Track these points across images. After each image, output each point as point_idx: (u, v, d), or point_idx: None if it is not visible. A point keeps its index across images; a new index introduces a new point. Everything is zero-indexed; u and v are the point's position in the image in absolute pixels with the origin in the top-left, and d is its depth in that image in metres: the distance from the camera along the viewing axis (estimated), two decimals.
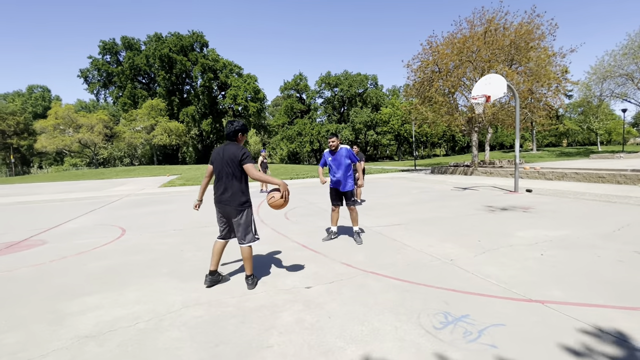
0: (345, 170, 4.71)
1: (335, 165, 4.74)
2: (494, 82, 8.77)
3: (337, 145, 4.78)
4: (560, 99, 18.38)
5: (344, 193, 4.79)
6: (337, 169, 4.72)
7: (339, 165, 4.71)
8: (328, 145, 4.79)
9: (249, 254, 3.20)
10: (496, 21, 16.35)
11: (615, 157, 23.78)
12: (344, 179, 4.72)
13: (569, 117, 52.53)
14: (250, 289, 3.14)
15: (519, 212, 6.26)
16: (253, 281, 3.21)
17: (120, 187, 17.26)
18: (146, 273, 3.73)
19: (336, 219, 4.90)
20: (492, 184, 11.25)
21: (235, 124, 3.19)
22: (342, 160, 4.72)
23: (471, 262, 3.60)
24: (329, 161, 4.82)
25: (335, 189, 4.80)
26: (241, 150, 3.09)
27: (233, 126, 3.17)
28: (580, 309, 2.45)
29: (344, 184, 4.74)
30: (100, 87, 50.62)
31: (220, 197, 3.20)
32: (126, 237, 5.61)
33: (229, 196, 3.13)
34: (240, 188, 3.13)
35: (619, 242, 4.07)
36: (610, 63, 28.41)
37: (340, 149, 4.79)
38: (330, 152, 4.84)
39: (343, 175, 4.71)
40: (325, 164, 4.88)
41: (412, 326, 2.33)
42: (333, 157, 4.77)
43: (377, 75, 57.87)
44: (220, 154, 3.15)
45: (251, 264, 3.22)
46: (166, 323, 2.54)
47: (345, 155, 4.74)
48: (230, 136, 3.19)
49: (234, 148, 3.11)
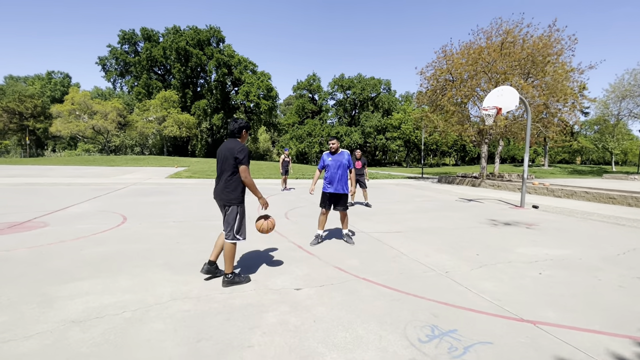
0: (342, 173, 4.73)
1: (334, 167, 4.73)
2: (506, 94, 8.62)
3: (337, 147, 4.79)
4: (576, 115, 18.02)
5: (340, 196, 4.77)
6: (336, 171, 4.71)
7: (338, 168, 4.71)
8: (328, 147, 4.79)
9: (230, 251, 3.12)
10: (515, 33, 16.12)
11: (630, 178, 23.19)
12: (341, 183, 4.72)
13: (584, 135, 51.51)
14: (224, 286, 3.08)
15: (522, 228, 6.13)
16: (228, 279, 3.10)
17: (128, 175, 17.51)
18: (140, 262, 3.76)
19: (324, 222, 4.82)
20: (499, 198, 11.08)
21: (239, 121, 3.24)
22: (343, 161, 4.74)
23: (466, 276, 3.54)
24: (328, 162, 4.80)
25: (330, 193, 4.76)
26: (240, 148, 3.09)
27: (237, 123, 3.22)
28: (573, 333, 2.38)
29: (341, 187, 4.73)
30: (117, 76, 51.60)
31: (215, 190, 3.25)
32: (126, 225, 5.67)
33: (220, 190, 3.17)
34: (231, 184, 3.12)
35: (622, 266, 3.94)
36: (630, 82, 27.77)
37: (341, 152, 4.82)
38: (330, 154, 4.84)
39: (340, 179, 4.71)
40: (324, 166, 4.85)
41: (397, 337, 2.29)
42: (333, 159, 4.77)
43: (390, 80, 57.73)
44: (222, 150, 3.19)
45: (230, 262, 3.12)
46: (152, 314, 2.55)
47: (346, 158, 4.78)
48: (234, 133, 3.23)
49: (233, 144, 3.13)
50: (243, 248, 4.42)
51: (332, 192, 4.75)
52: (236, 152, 3.06)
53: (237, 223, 3.15)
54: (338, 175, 4.71)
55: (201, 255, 4.06)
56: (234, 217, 3.14)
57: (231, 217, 3.14)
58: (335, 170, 4.72)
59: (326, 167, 4.81)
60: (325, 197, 4.81)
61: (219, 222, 6.15)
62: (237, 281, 3.16)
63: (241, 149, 3.07)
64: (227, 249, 3.13)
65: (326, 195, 4.79)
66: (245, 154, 3.08)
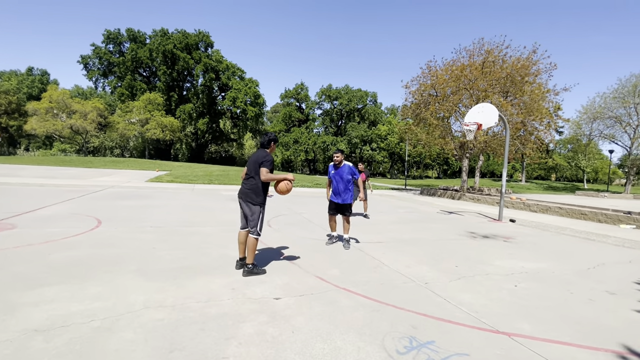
0: (345, 185, 5.10)
1: (337, 179, 5.12)
2: (487, 111, 8.95)
3: (341, 160, 5.12)
4: (551, 134, 18.89)
5: (343, 205, 5.19)
6: (338, 183, 5.11)
7: (340, 180, 5.10)
8: (333, 160, 5.16)
9: (253, 245, 3.59)
10: (495, 53, 16.84)
11: (600, 195, 24.35)
12: (343, 193, 5.13)
13: (559, 153, 53.87)
14: (244, 276, 3.54)
15: (500, 241, 6.29)
16: (249, 269, 3.59)
17: (105, 178, 16.93)
18: (113, 268, 3.60)
19: (335, 225, 5.30)
20: (478, 211, 11.36)
21: (269, 134, 3.77)
22: (344, 175, 5.10)
23: (445, 287, 3.58)
24: (331, 175, 5.18)
25: (335, 202, 5.18)
26: (265, 155, 3.59)
27: (267, 137, 3.76)
28: (546, 345, 2.43)
29: (343, 197, 5.14)
30: (100, 75, 50.17)
31: (240, 191, 3.74)
32: (100, 229, 5.45)
33: (246, 192, 3.64)
34: (256, 187, 3.60)
35: (592, 280, 4.10)
36: (600, 105, 29.37)
37: (343, 165, 5.13)
38: (333, 167, 5.19)
39: (343, 190, 5.12)
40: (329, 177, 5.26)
41: (375, 348, 2.28)
42: (336, 172, 5.14)
43: (376, 93, 58.78)
44: (252, 158, 3.70)
45: (252, 254, 3.59)
46: (122, 323, 2.43)
47: (347, 171, 5.10)
48: (264, 144, 3.76)
49: (263, 154, 3.63)
50: (227, 254, 4.33)
51: (337, 202, 5.19)
52: (262, 159, 3.56)
53: (260, 222, 3.64)
54: (341, 188, 5.13)
55: (179, 262, 3.94)
56: (257, 216, 3.62)
57: (255, 216, 3.61)
58: (337, 184, 5.13)
59: (331, 179, 5.25)
60: (332, 204, 5.28)
61: (199, 228, 6.01)
62: (256, 272, 3.63)
63: (266, 157, 3.58)
64: (251, 242, 3.59)
65: (333, 203, 5.27)
66: (269, 161, 3.57)
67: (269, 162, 3.57)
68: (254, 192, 3.61)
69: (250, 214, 3.61)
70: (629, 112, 28.30)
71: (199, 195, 11.60)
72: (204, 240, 5.15)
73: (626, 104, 27.96)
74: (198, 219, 6.91)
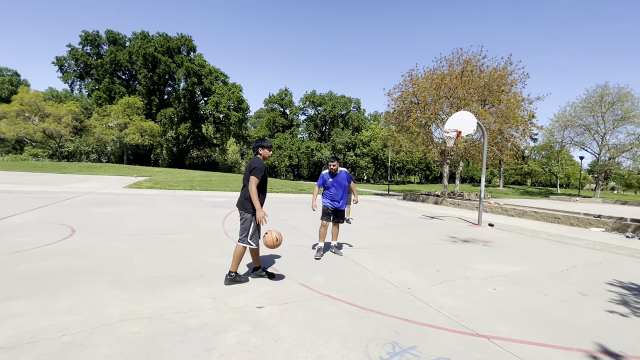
0: (343, 191, 5.13)
1: (335, 186, 5.11)
2: (466, 119, 9.24)
3: (337, 168, 5.13)
4: (526, 141, 19.69)
5: (340, 211, 5.19)
6: (337, 190, 5.10)
7: (339, 186, 5.12)
8: (329, 168, 5.14)
9: (238, 253, 3.55)
10: (473, 63, 17.48)
11: (572, 200, 25.49)
12: (341, 199, 5.13)
13: (534, 159, 56.15)
14: (226, 284, 3.49)
15: (480, 245, 6.46)
16: (231, 278, 3.53)
17: (80, 184, 16.28)
18: (87, 279, 3.45)
19: (325, 234, 5.15)
20: (459, 216, 11.64)
21: (256, 140, 3.70)
22: (342, 182, 5.13)
23: (427, 292, 3.63)
24: (328, 182, 5.13)
25: (332, 208, 5.13)
26: (252, 163, 3.55)
27: (255, 142, 3.73)
28: (522, 347, 2.50)
29: (342, 203, 5.14)
30: (76, 78, 48.41)
31: (237, 200, 3.71)
32: (74, 239, 5.22)
33: (240, 201, 3.62)
34: (246, 195, 3.54)
35: (565, 282, 4.27)
36: (571, 113, 30.97)
37: (340, 171, 5.17)
38: (330, 174, 5.15)
39: (341, 196, 5.12)
40: (323, 184, 5.18)
41: (359, 355, 2.27)
42: (334, 179, 5.12)
43: (360, 100, 59.53)
44: (246, 165, 3.66)
45: (236, 262, 3.55)
46: (97, 337, 2.33)
47: (345, 177, 5.15)
48: (254, 150, 3.73)
49: (252, 160, 3.60)
50: (208, 262, 4.23)
51: (335, 207, 5.14)
52: (251, 168, 3.51)
53: (250, 229, 3.55)
54: (339, 195, 5.11)
55: (157, 272, 3.82)
56: (248, 224, 3.55)
57: (246, 224, 3.55)
58: (336, 191, 5.11)
59: (327, 187, 5.16)
60: (327, 210, 5.14)
61: (179, 235, 5.86)
62: (238, 280, 3.56)
63: (254, 164, 3.51)
64: (237, 250, 3.56)
65: (329, 209, 5.15)
66: (257, 165, 3.49)
67: (257, 170, 3.48)
68: (245, 199, 3.56)
69: (241, 222, 3.58)
70: (596, 120, 29.96)
71: (179, 202, 11.33)
72: (184, 248, 5.02)
73: (594, 113, 29.57)
74: (178, 227, 6.74)
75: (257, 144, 3.72)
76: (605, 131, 29.58)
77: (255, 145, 3.72)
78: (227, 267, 4.14)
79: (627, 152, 29.51)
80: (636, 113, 27.69)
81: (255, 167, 3.49)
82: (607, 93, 28.86)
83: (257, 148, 3.71)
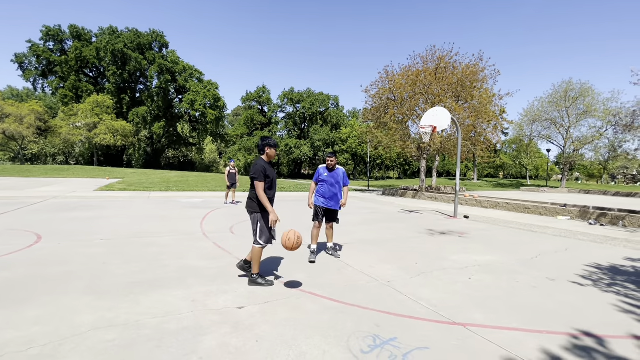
0: (339, 189, 4.88)
1: (331, 183, 4.83)
2: (440, 115, 9.48)
3: (335, 164, 4.88)
4: (498, 135, 20.49)
5: (333, 212, 4.93)
6: (333, 187, 4.83)
7: (336, 183, 4.85)
8: (326, 163, 4.87)
9: (256, 254, 3.54)
10: (447, 60, 17.95)
11: (540, 191, 26.83)
12: (335, 199, 4.86)
13: (505, 152, 58.58)
14: (249, 285, 3.52)
15: (455, 237, 6.68)
16: (253, 280, 3.54)
17: (46, 188, 15.41)
18: (55, 288, 3.28)
19: (318, 236, 4.86)
20: (436, 209, 11.97)
21: (261, 139, 3.67)
22: (339, 179, 4.88)
23: (406, 284, 3.72)
24: (324, 177, 4.84)
25: (326, 207, 4.85)
26: (254, 166, 3.49)
27: (260, 142, 3.68)
28: (496, 332, 2.62)
29: (336, 202, 4.87)
30: (38, 76, 45.59)
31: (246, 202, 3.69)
32: (40, 245, 4.93)
33: (248, 202, 3.62)
34: (252, 195, 3.57)
35: (535, 268, 4.49)
36: (538, 108, 32.47)
37: (337, 169, 4.92)
38: (327, 169, 4.88)
39: (335, 195, 4.85)
40: (318, 179, 4.88)
41: (340, 350, 2.30)
42: (330, 175, 4.85)
43: (338, 97, 59.75)
44: None
45: (256, 264, 3.55)
46: (67, 348, 2.22)
47: (342, 175, 4.91)
48: (259, 150, 3.70)
49: (255, 161, 3.57)
50: (186, 265, 4.12)
51: (327, 207, 4.84)
52: (251, 171, 3.49)
53: (258, 230, 3.54)
54: (333, 192, 4.82)
55: (133, 277, 3.68)
56: (255, 224, 3.56)
57: (254, 224, 3.57)
58: (331, 187, 4.82)
59: (321, 182, 4.86)
60: (319, 210, 4.87)
61: (156, 238, 5.68)
62: (260, 282, 3.53)
63: (255, 166, 3.47)
64: (254, 252, 3.56)
65: (321, 210, 4.86)
66: (254, 170, 3.44)
67: (257, 172, 3.44)
68: (251, 200, 3.58)
69: (251, 223, 3.61)
70: (561, 114, 31.58)
71: (155, 204, 10.96)
72: (161, 251, 4.87)
73: (559, 108, 31.18)
74: (154, 229, 6.53)
75: (265, 142, 3.65)
76: (570, 125, 31.27)
77: (263, 144, 3.65)
78: (206, 269, 4.08)
79: (589, 145, 31.34)
80: (596, 107, 29.43)
81: (253, 174, 3.43)
82: (571, 89, 30.47)
83: (264, 147, 3.64)
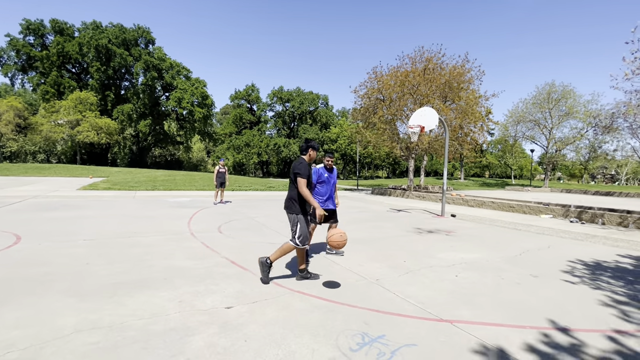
0: (333, 190, 4.90)
1: (330, 183, 4.82)
2: (428, 115, 9.60)
3: (332, 164, 4.86)
4: (484, 135, 20.88)
5: (334, 210, 4.93)
6: (330, 187, 4.84)
7: (333, 183, 4.87)
8: (325, 163, 4.81)
9: (287, 247, 3.63)
10: (434, 61, 18.19)
11: (524, 190, 27.51)
12: (332, 198, 4.87)
13: (491, 152, 59.79)
14: (297, 280, 3.73)
15: (443, 235, 6.78)
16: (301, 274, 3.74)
17: (26, 187, 14.91)
18: (35, 289, 3.17)
19: (311, 235, 4.74)
20: (424, 208, 12.13)
21: (307, 141, 3.77)
22: (335, 179, 4.91)
23: (395, 282, 3.75)
24: (324, 177, 4.78)
25: (327, 208, 4.79)
26: (297, 164, 3.60)
27: (305, 143, 3.78)
28: (482, 328, 2.67)
29: (332, 202, 4.88)
30: (18, 71, 44.02)
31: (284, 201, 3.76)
32: (19, 247, 4.77)
33: (286, 200, 3.71)
34: (292, 195, 3.64)
35: (519, 265, 4.60)
36: (522, 109, 33.27)
37: (334, 170, 4.90)
38: (326, 169, 4.83)
39: (332, 195, 4.86)
40: (318, 180, 4.77)
41: (329, 348, 2.30)
42: (329, 176, 4.82)
43: (328, 96, 59.77)
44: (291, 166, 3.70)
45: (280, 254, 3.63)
46: (48, 351, 2.15)
47: (336, 174, 4.93)
48: (301, 151, 3.81)
49: (298, 161, 3.67)
50: (172, 265, 4.06)
51: (327, 208, 4.79)
52: (295, 168, 3.58)
53: (297, 230, 3.60)
54: (329, 192, 4.83)
55: (117, 278, 3.60)
56: (295, 225, 3.63)
57: (293, 225, 3.64)
58: (329, 187, 4.82)
59: (321, 183, 4.79)
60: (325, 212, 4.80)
61: (141, 238, 5.56)
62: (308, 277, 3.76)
63: (299, 165, 3.58)
64: (285, 245, 3.64)
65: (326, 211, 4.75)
66: (300, 169, 3.54)
67: (301, 172, 3.54)
68: (290, 201, 3.65)
69: (290, 223, 3.68)
70: (545, 116, 32.43)
71: (141, 203, 10.74)
72: (147, 251, 4.78)
73: (542, 109, 32.01)
74: (140, 229, 6.39)
75: (309, 144, 3.76)
76: (552, 126, 32.14)
77: (307, 145, 3.76)
78: (193, 269, 4.03)
79: (571, 145, 32.28)
80: (578, 109, 30.36)
81: (298, 170, 3.54)
82: (554, 90, 31.32)
83: (307, 148, 3.76)
